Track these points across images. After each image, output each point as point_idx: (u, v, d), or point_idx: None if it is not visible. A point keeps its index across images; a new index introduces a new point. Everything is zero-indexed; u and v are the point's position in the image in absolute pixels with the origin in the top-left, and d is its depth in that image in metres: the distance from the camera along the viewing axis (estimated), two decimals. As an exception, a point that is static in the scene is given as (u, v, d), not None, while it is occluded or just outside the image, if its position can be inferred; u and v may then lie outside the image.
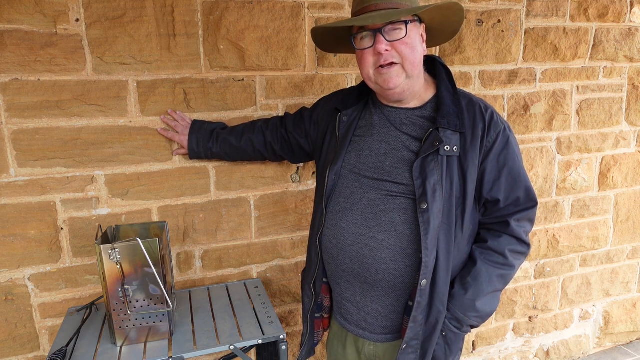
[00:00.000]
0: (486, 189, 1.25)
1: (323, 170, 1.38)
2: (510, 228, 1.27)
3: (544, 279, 2.52)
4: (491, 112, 1.25)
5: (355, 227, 1.27)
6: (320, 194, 1.38)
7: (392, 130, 1.28)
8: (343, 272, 1.32)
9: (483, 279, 1.25)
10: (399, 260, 1.23)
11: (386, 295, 1.28)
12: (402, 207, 1.22)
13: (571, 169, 2.41)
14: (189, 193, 1.80)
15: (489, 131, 1.22)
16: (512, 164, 1.25)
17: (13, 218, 1.60)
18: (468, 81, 2.12)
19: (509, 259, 1.27)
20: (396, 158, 1.24)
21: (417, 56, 1.20)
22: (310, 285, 1.42)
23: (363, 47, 1.21)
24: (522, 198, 1.27)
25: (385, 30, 1.16)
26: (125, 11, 1.59)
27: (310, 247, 1.44)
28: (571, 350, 2.71)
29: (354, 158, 1.30)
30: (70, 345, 1.38)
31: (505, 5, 2.10)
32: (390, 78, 1.19)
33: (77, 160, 1.64)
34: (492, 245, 1.27)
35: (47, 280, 1.68)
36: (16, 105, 1.54)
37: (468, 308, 1.25)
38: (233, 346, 1.37)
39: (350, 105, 1.36)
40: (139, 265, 1.33)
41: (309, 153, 1.63)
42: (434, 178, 1.18)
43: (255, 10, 1.74)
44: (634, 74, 2.43)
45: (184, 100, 1.72)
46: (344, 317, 1.40)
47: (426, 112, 1.27)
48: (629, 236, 2.66)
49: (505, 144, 1.24)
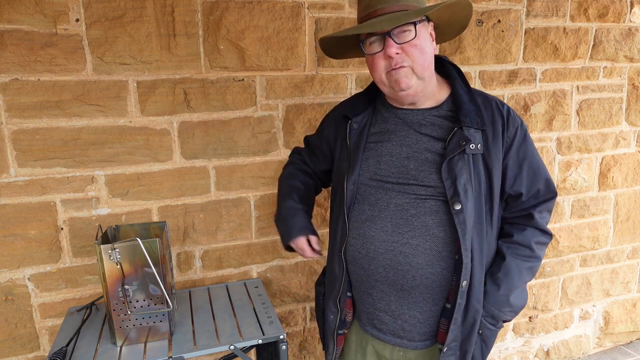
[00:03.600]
0: (509, 184, 1.26)
1: (338, 181, 1.33)
2: (534, 220, 1.29)
3: (544, 279, 2.52)
4: (507, 108, 1.26)
5: (386, 235, 1.23)
6: (338, 205, 1.32)
7: (412, 132, 1.25)
8: (376, 282, 1.27)
9: (514, 274, 1.26)
10: (435, 264, 1.21)
11: (424, 300, 1.25)
12: (433, 209, 1.20)
13: (571, 169, 2.41)
14: (189, 193, 1.80)
15: (508, 127, 1.23)
16: (532, 158, 1.27)
17: (13, 218, 1.60)
18: (468, 81, 2.12)
19: (535, 251, 1.29)
20: (420, 160, 1.22)
21: (427, 57, 1.19)
22: (335, 300, 1.35)
23: (373, 52, 1.19)
24: (543, 190, 1.29)
25: (394, 33, 1.14)
26: (125, 11, 1.59)
27: (331, 262, 1.37)
28: (571, 350, 2.71)
29: (372, 165, 1.27)
30: (70, 345, 1.38)
31: (505, 5, 2.10)
32: (401, 79, 1.17)
33: (77, 160, 1.64)
34: (518, 239, 1.28)
35: (47, 280, 1.68)
36: (16, 105, 1.54)
37: (502, 304, 1.26)
38: (233, 346, 1.37)
39: (359, 112, 1.32)
40: (139, 265, 1.33)
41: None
42: (463, 178, 1.17)
43: (255, 10, 1.74)
44: (634, 74, 2.43)
45: (184, 100, 1.72)
46: (377, 328, 1.33)
47: (443, 112, 1.25)
48: (629, 236, 2.66)
49: (524, 138, 1.25)
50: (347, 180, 1.27)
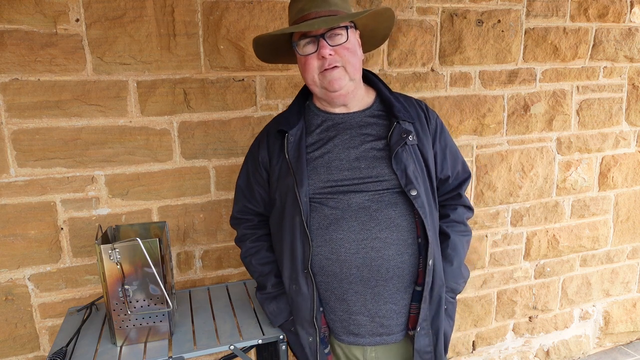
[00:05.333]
0: (439, 169, 1.40)
1: (287, 196, 1.30)
2: (462, 199, 1.47)
3: (544, 279, 2.52)
4: (424, 103, 1.42)
5: (354, 234, 1.25)
6: (291, 221, 1.29)
7: (354, 134, 1.30)
8: (349, 285, 1.28)
9: (459, 248, 1.42)
10: (403, 253, 1.28)
11: (397, 291, 1.30)
12: (392, 201, 1.27)
13: (571, 169, 2.41)
14: (189, 193, 1.80)
15: (429, 119, 1.38)
16: (451, 143, 1.44)
17: (13, 218, 1.60)
18: (468, 81, 2.12)
19: (467, 226, 1.47)
20: (369, 158, 1.28)
21: (358, 60, 1.27)
22: (312, 321, 1.31)
23: (307, 53, 1.25)
24: (460, 171, 1.46)
25: (327, 35, 1.21)
26: (125, 11, 1.59)
27: (295, 284, 1.31)
28: (571, 350, 2.71)
29: (323, 173, 1.27)
30: (70, 345, 1.38)
31: (505, 5, 2.10)
32: (335, 79, 1.24)
33: (77, 160, 1.64)
34: (454, 217, 1.44)
35: (47, 280, 1.68)
36: (16, 105, 1.54)
37: (457, 276, 1.41)
38: (233, 346, 1.37)
39: (293, 125, 1.32)
40: (139, 265, 1.33)
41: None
42: (411, 166, 1.27)
43: (255, 10, 1.74)
44: (634, 74, 2.43)
45: (183, 100, 1.72)
46: (354, 333, 1.32)
47: (376, 112, 1.34)
48: (629, 236, 2.66)
49: (442, 127, 1.42)
50: (299, 194, 1.26)
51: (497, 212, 2.32)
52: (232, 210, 1.51)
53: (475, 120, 2.17)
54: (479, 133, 2.19)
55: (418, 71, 2.03)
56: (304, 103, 1.40)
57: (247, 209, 1.47)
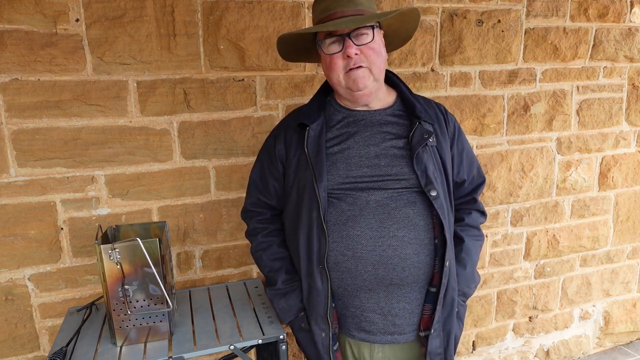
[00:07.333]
0: (455, 172, 1.39)
1: (305, 191, 1.29)
2: (477, 204, 1.48)
3: (544, 279, 2.52)
4: (443, 106, 1.42)
5: (372, 231, 1.24)
6: (308, 215, 1.28)
7: (375, 132, 1.30)
8: (363, 282, 1.27)
9: (473, 253, 1.41)
10: (420, 252, 1.27)
11: (412, 290, 1.30)
12: (410, 200, 1.27)
13: (571, 169, 2.41)
14: (189, 193, 1.80)
15: (448, 122, 1.38)
16: (467, 147, 1.44)
17: (13, 218, 1.60)
18: (468, 81, 2.12)
19: (480, 230, 1.47)
20: (390, 156, 1.28)
21: (382, 61, 1.27)
22: (325, 316, 1.30)
23: (332, 52, 1.24)
24: (476, 175, 1.47)
25: (352, 35, 1.20)
26: (125, 11, 1.59)
27: (311, 279, 1.31)
28: (571, 350, 2.71)
29: (342, 169, 1.27)
30: (70, 345, 1.38)
31: (505, 5, 2.10)
32: (359, 78, 1.23)
33: (77, 160, 1.64)
34: (469, 222, 1.44)
35: (47, 280, 1.68)
36: (16, 105, 1.54)
37: (470, 280, 1.41)
38: (233, 346, 1.37)
39: (314, 119, 1.32)
40: (139, 265, 1.33)
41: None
42: (431, 167, 1.27)
43: (255, 10, 1.74)
44: (634, 74, 2.43)
45: (183, 100, 1.72)
46: (366, 330, 1.33)
47: (397, 111, 1.34)
48: (629, 236, 2.66)
49: (460, 131, 1.42)
50: (318, 189, 1.25)
51: (497, 212, 2.32)
52: (245, 203, 1.51)
53: (475, 120, 2.17)
54: (479, 133, 2.20)
55: (418, 71, 2.04)
56: (324, 99, 1.39)
57: (260, 201, 1.46)
